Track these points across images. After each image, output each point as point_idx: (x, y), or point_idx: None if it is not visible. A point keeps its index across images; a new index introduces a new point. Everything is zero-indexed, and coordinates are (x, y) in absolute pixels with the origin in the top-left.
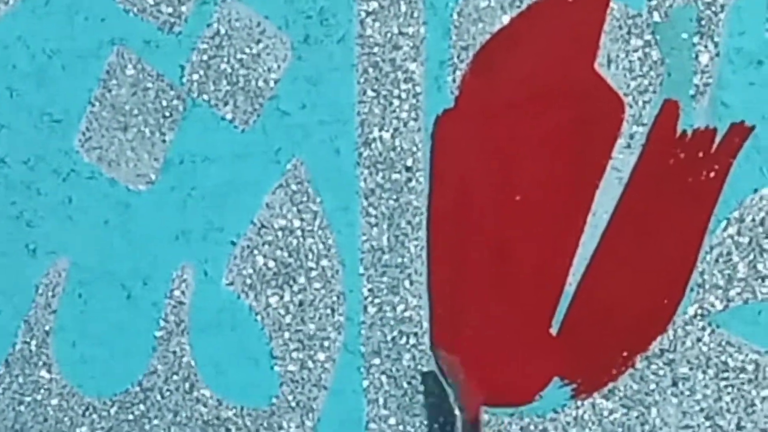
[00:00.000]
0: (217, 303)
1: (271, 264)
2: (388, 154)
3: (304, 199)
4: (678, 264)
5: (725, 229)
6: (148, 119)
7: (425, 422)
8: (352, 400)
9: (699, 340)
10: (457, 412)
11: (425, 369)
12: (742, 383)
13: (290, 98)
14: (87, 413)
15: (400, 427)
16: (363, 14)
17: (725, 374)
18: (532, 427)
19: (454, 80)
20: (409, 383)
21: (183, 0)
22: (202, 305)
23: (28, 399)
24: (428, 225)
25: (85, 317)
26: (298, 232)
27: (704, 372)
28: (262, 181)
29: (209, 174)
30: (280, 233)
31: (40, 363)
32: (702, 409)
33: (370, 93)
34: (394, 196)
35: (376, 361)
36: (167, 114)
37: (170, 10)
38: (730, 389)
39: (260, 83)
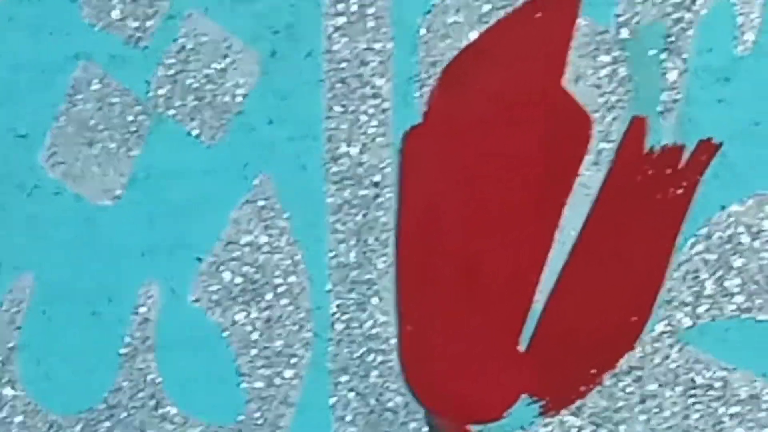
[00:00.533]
0: (183, 320)
1: (238, 280)
2: (356, 169)
3: (272, 215)
4: (646, 281)
5: (693, 246)
6: (114, 134)
7: None
8: (319, 417)
9: (667, 357)
10: None
11: (392, 386)
12: (711, 400)
13: (257, 113)
14: (52, 430)
15: None
16: (331, 29)
17: (693, 391)
18: None
19: (421, 96)
20: (376, 400)
21: (149, 15)
22: (168, 322)
23: None
24: (396, 241)
25: (50, 334)
26: (266, 248)
27: (672, 389)
28: (228, 197)
29: (175, 189)
30: (246, 249)
31: (5, 380)
32: (670, 427)
33: (337, 108)
34: (362, 212)
35: (344, 378)
36: (133, 129)
37: (136, 24)
38: (698, 406)
39: (227, 98)
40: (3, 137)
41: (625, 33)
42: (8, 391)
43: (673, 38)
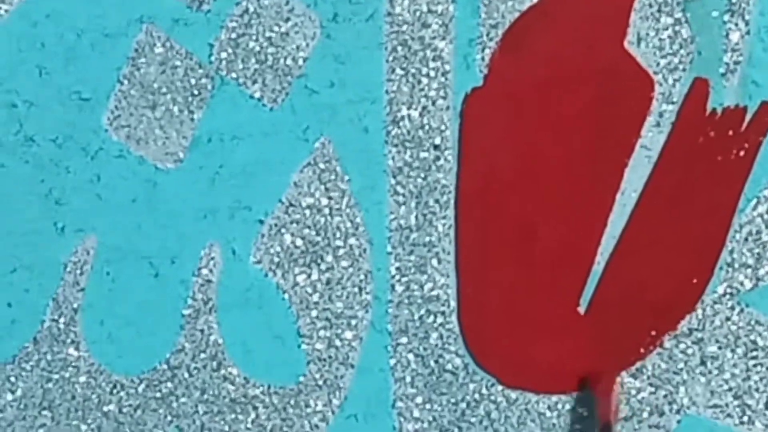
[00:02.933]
0: (244, 281)
1: (299, 242)
2: (417, 132)
3: (332, 177)
4: (707, 243)
5: (755, 207)
6: (177, 98)
7: (452, 401)
8: (379, 379)
9: (728, 319)
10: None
11: (452, 348)
12: None
13: (318, 77)
14: (115, 391)
15: (427, 406)
16: None
17: (754, 353)
18: (559, 406)
19: (483, 58)
20: (435, 362)
21: None
22: (229, 284)
23: (56, 376)
24: (456, 204)
25: (113, 295)
26: (326, 211)
27: (733, 351)
28: (289, 160)
29: (237, 152)
30: (307, 212)
31: (68, 341)
32: (730, 388)
33: (398, 71)
34: (422, 175)
35: (404, 339)
36: (195, 92)
37: None
38: (758, 368)
39: (288, 62)
40: (67, 101)
41: None
42: (72, 352)
43: (735, 0)
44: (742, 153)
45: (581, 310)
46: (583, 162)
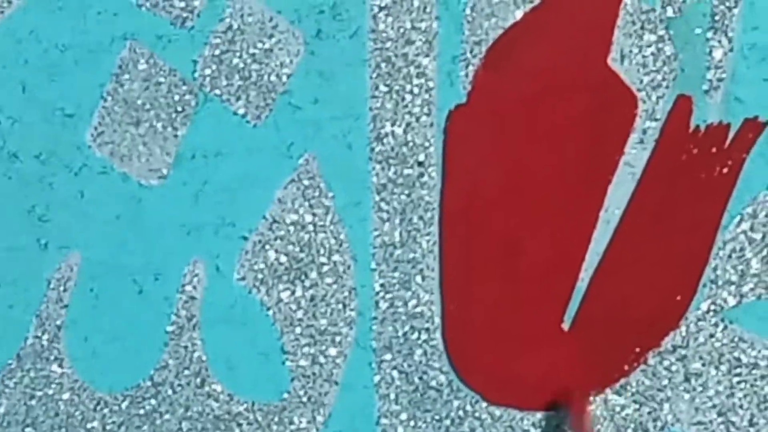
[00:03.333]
0: (228, 298)
1: (283, 259)
2: (401, 149)
3: (316, 194)
4: (691, 260)
5: (738, 224)
6: (161, 114)
7: (436, 417)
8: (363, 396)
9: (712, 336)
10: None
11: (436, 365)
12: (756, 379)
13: (302, 93)
14: (98, 408)
15: (411, 423)
16: (376, 9)
17: (738, 370)
18: (544, 423)
19: (466, 75)
20: (420, 379)
21: None
22: (213, 300)
23: (39, 393)
24: (440, 220)
25: (97, 312)
26: (310, 227)
27: (717, 368)
28: (274, 176)
29: (221, 169)
30: (291, 228)
31: (52, 357)
32: (714, 405)
33: (382, 88)
34: (407, 192)
35: (388, 356)
36: (179, 109)
37: (183, 4)
38: (743, 385)
39: (272, 78)
40: (50, 117)
41: (670, 12)
42: (56, 369)
43: (718, 16)
44: (725, 170)
45: (565, 326)
46: (566, 178)
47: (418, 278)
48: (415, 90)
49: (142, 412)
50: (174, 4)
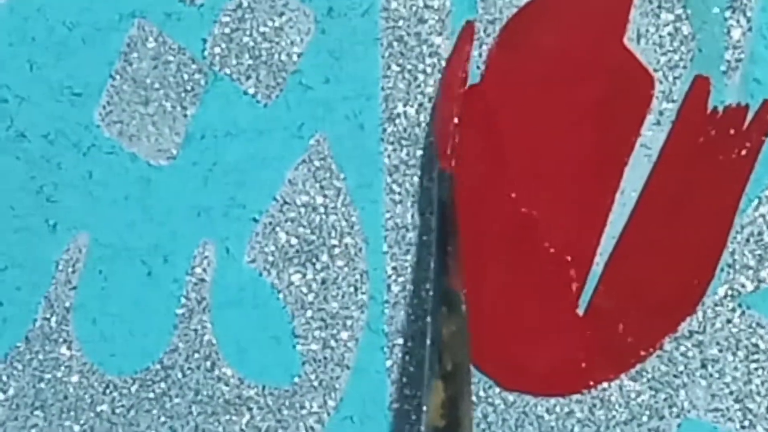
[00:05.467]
0: (238, 280)
1: (294, 241)
2: (413, 129)
3: (327, 175)
4: (708, 243)
5: (757, 208)
6: (170, 93)
7: None
8: (375, 380)
9: (729, 321)
10: None
11: None
12: None
13: (313, 72)
14: (108, 391)
15: (424, 408)
16: None
17: (755, 356)
18: (558, 409)
19: (480, 55)
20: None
21: None
22: (223, 282)
23: (48, 376)
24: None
25: (106, 294)
26: (321, 209)
27: (734, 354)
28: (284, 157)
29: (231, 149)
30: (302, 210)
31: (61, 340)
32: (731, 392)
33: (394, 67)
34: (419, 173)
35: (400, 340)
36: (188, 88)
37: None
38: (760, 371)
39: (283, 57)
40: (58, 96)
41: None
42: (64, 351)
43: None
44: (743, 152)
45: (580, 311)
46: (582, 160)
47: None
48: (428, 70)
49: (151, 395)
50: None
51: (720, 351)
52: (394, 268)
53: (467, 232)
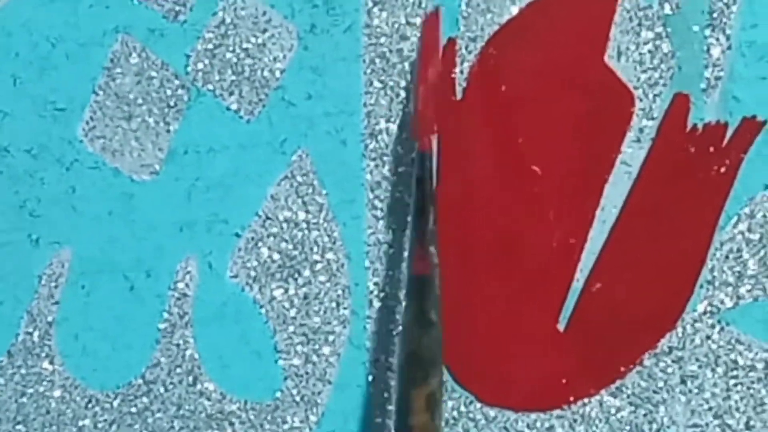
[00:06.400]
0: (221, 296)
1: (276, 256)
2: (395, 146)
3: (310, 191)
4: (688, 260)
5: (735, 225)
6: (153, 109)
7: None
8: (357, 395)
9: (708, 337)
10: None
11: None
12: (752, 381)
13: (296, 88)
14: (90, 405)
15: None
16: (370, 4)
17: (734, 372)
18: (538, 424)
19: (461, 72)
20: None
21: None
22: (206, 298)
23: (30, 390)
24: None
25: (88, 309)
26: (303, 225)
27: (713, 370)
28: (267, 173)
29: (214, 165)
30: (285, 225)
31: (43, 354)
32: (711, 408)
33: (376, 84)
34: (401, 189)
35: (382, 356)
36: (172, 103)
37: None
38: (739, 387)
39: (266, 73)
40: (41, 111)
41: (668, 9)
42: (47, 366)
43: (716, 14)
44: (723, 169)
45: (561, 327)
46: (563, 177)
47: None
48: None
49: (134, 410)
50: None
51: (699, 367)
52: (375, 284)
53: (449, 247)
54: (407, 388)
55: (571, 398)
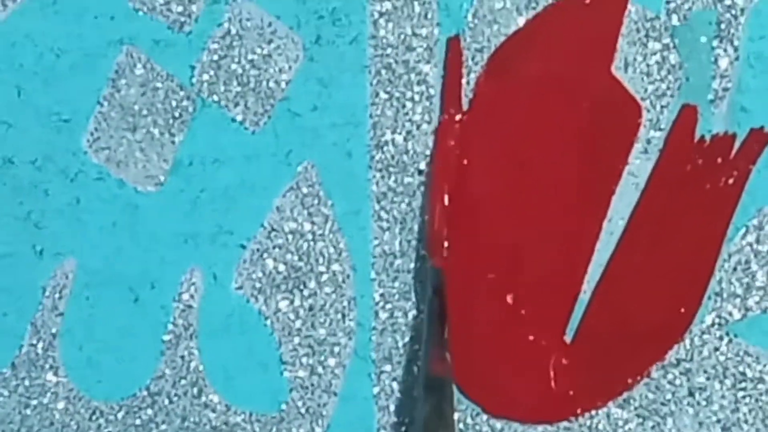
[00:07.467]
0: (226, 307)
1: (281, 268)
2: (401, 157)
3: (315, 202)
4: (695, 272)
5: (744, 236)
6: (158, 120)
7: None
8: (362, 407)
9: (716, 349)
10: None
11: None
12: (761, 394)
13: (301, 100)
14: (94, 417)
15: None
16: (376, 15)
17: (743, 384)
18: None
19: (468, 83)
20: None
21: None
22: (210, 309)
23: (34, 402)
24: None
25: (93, 320)
26: (309, 236)
27: (721, 382)
28: (272, 184)
29: (219, 176)
30: (290, 237)
31: (47, 366)
32: (719, 420)
33: (382, 95)
34: (407, 200)
35: (387, 367)
36: (177, 115)
37: (180, 9)
38: (747, 400)
39: (271, 84)
40: (46, 122)
41: (675, 20)
42: (51, 378)
43: (724, 25)
44: (731, 181)
45: (567, 339)
46: (570, 188)
47: (419, 288)
48: (416, 97)
49: (138, 422)
50: (172, 8)
51: (707, 379)
52: (381, 295)
53: (456, 259)
54: None
55: (579, 410)
